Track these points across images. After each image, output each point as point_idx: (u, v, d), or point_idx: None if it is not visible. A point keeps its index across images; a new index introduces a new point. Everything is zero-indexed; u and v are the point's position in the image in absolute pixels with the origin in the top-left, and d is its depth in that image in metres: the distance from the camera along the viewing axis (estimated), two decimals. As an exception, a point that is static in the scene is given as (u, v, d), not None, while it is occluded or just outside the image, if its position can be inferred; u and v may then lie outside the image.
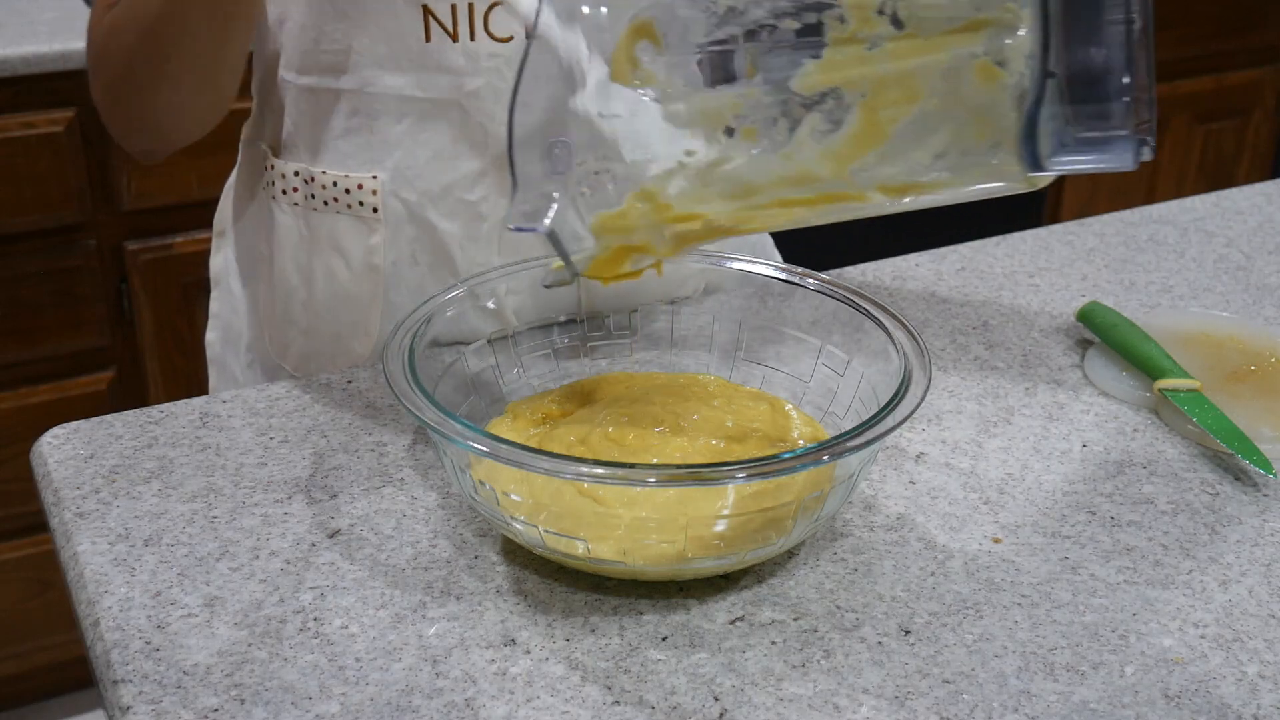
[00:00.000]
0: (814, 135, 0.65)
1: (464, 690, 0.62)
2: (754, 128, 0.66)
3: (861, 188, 0.66)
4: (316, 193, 0.91)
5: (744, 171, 0.67)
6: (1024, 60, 0.62)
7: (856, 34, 0.63)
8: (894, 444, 0.82)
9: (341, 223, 0.91)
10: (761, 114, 0.66)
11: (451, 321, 0.78)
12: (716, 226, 0.69)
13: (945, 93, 0.64)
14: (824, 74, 0.64)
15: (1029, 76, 0.62)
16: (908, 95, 0.64)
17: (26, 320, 1.74)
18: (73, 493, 0.75)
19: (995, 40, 0.63)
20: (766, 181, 0.67)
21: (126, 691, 0.61)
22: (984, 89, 0.63)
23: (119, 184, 1.73)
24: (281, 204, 0.93)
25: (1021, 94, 0.63)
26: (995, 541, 0.73)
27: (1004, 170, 0.65)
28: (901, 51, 0.63)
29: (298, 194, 0.92)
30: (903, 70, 0.64)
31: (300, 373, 0.97)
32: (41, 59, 1.63)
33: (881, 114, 0.64)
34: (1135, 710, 0.62)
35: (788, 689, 0.62)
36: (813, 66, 0.64)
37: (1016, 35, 0.62)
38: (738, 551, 0.67)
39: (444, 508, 0.75)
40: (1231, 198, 1.25)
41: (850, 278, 1.06)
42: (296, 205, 0.93)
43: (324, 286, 0.93)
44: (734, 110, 0.66)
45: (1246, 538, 0.74)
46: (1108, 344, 0.93)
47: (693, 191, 0.68)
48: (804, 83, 0.64)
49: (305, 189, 0.91)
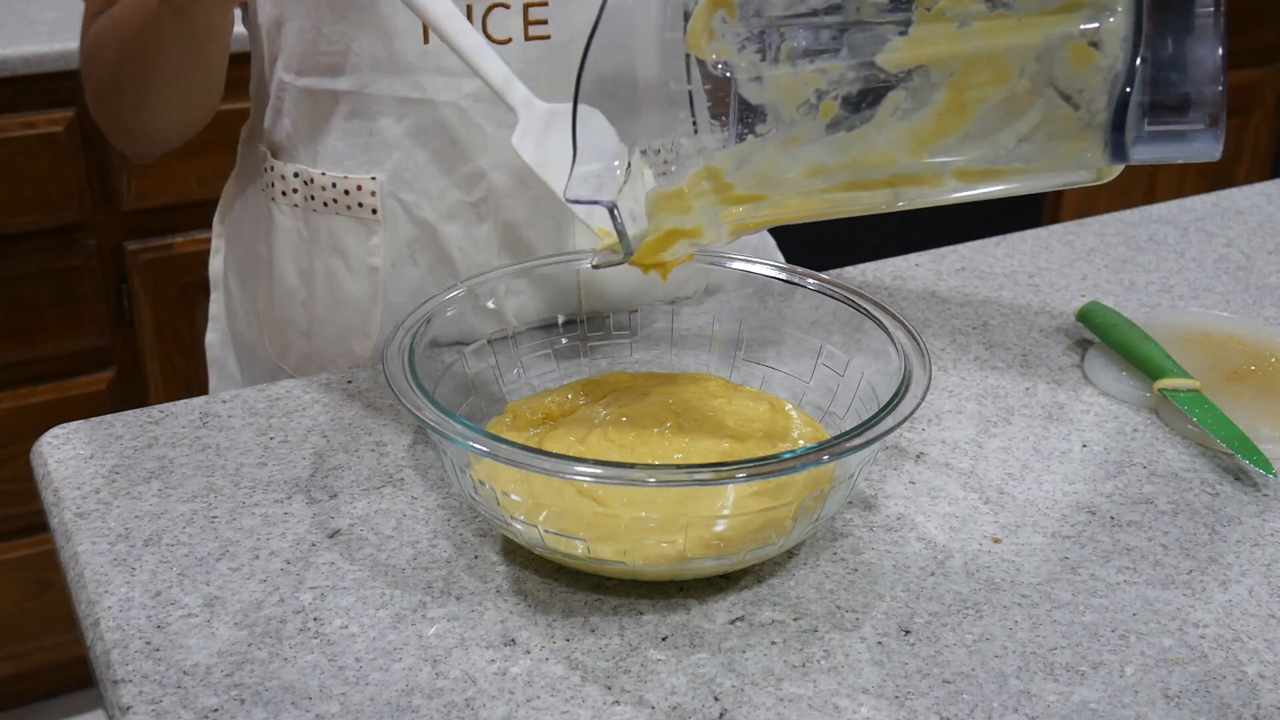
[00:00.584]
0: (896, 114, 0.64)
1: (464, 690, 0.62)
2: (833, 104, 0.65)
3: (937, 172, 0.65)
4: (315, 194, 0.91)
5: (817, 151, 0.65)
6: (1119, 43, 0.61)
7: (946, 10, 0.62)
8: (894, 444, 0.82)
9: (340, 224, 0.91)
10: (842, 90, 0.65)
11: (451, 321, 0.78)
12: (778, 210, 0.68)
13: (1037, 74, 0.63)
14: (912, 50, 0.63)
15: (1122, 60, 0.61)
16: (998, 75, 0.62)
17: (26, 320, 1.74)
18: (73, 493, 0.76)
19: (1091, 21, 0.62)
20: (839, 163, 0.66)
21: (126, 691, 0.61)
22: (1077, 71, 0.62)
23: (119, 184, 1.73)
24: (280, 205, 0.93)
25: (1114, 78, 0.61)
26: (995, 541, 0.73)
27: (1085, 157, 0.64)
28: (994, 30, 0.62)
29: (297, 195, 0.92)
30: (994, 49, 0.62)
31: (300, 374, 0.97)
32: (41, 59, 1.63)
33: (969, 94, 0.63)
34: (1135, 710, 0.62)
35: (788, 689, 0.62)
36: (900, 43, 0.63)
37: (1113, 16, 0.61)
38: (738, 551, 0.67)
39: (444, 508, 0.75)
40: (1231, 198, 1.25)
41: (850, 278, 1.06)
42: (296, 206, 0.93)
43: (323, 287, 0.93)
44: (813, 85, 0.65)
45: (1246, 538, 0.74)
46: (1108, 344, 0.93)
47: (760, 171, 0.67)
48: (890, 59, 0.63)
49: (304, 190, 0.91)
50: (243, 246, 1.02)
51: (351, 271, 0.92)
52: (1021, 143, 0.65)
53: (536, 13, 0.86)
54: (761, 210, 0.68)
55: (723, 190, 0.67)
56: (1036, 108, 0.64)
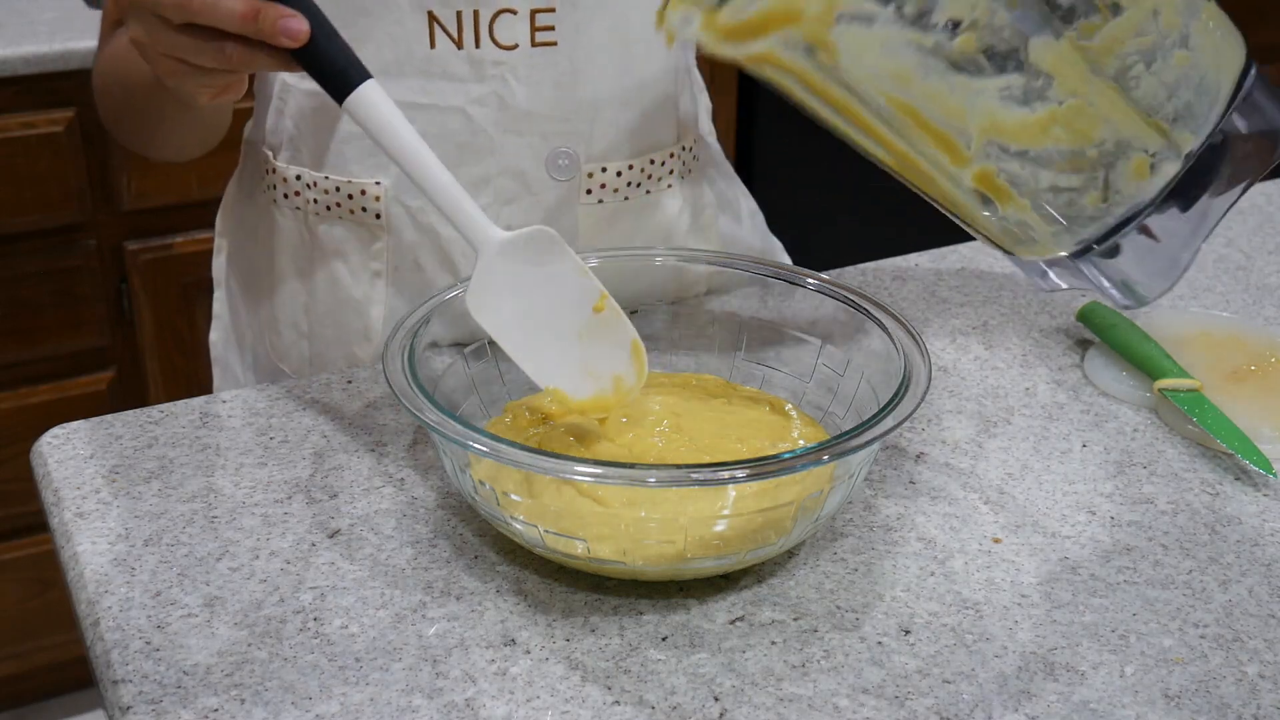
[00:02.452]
0: (1000, 92, 0.65)
1: (464, 690, 0.62)
2: (971, 40, 0.65)
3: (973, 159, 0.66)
4: (319, 197, 0.91)
5: (919, 63, 0.65)
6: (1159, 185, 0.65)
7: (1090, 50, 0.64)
8: (894, 444, 0.82)
9: (343, 228, 0.91)
10: (988, 38, 0.64)
11: (451, 321, 0.78)
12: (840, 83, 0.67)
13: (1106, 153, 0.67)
14: (1055, 60, 0.65)
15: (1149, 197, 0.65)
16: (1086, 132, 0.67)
17: (26, 320, 1.74)
18: (73, 493, 0.75)
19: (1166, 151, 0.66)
20: (920, 87, 0.66)
21: (126, 691, 0.61)
22: (1128, 176, 0.67)
23: (119, 184, 1.73)
24: (283, 208, 0.93)
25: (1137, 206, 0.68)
26: (995, 541, 0.73)
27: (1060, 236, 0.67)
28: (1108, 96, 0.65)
29: (299, 198, 0.92)
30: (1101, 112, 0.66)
31: (300, 375, 0.97)
32: (41, 59, 1.63)
33: (1057, 129, 0.66)
34: (1135, 710, 0.62)
35: (788, 689, 0.62)
36: (1054, 45, 0.64)
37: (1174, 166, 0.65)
38: (738, 551, 0.67)
39: (444, 508, 0.75)
40: (1231, 198, 1.24)
41: (850, 278, 1.06)
42: (298, 210, 0.92)
43: (326, 291, 0.93)
44: (978, 11, 0.65)
45: (1246, 538, 0.74)
46: (1108, 344, 0.93)
47: (864, 44, 0.66)
48: (1038, 52, 0.65)
49: (307, 194, 0.91)
50: (244, 247, 1.02)
51: (354, 275, 0.92)
52: (1049, 192, 0.66)
53: (544, 19, 0.85)
54: (829, 66, 0.68)
55: (819, 43, 0.66)
56: (1083, 177, 0.65)
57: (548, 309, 0.72)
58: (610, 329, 0.72)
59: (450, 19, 0.85)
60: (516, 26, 0.85)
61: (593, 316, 0.71)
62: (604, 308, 0.71)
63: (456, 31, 0.85)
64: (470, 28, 0.85)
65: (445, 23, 0.85)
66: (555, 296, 0.72)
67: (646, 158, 0.94)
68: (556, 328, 0.72)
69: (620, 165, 0.92)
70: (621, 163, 0.92)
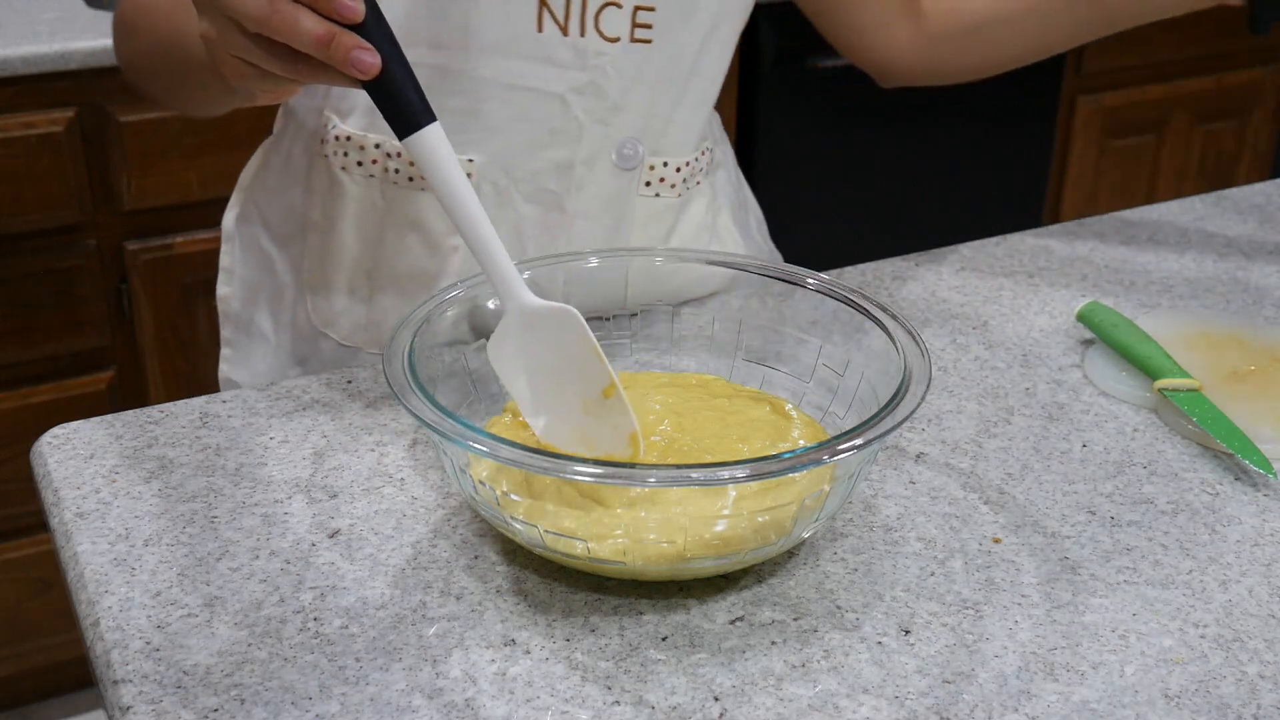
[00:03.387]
0: None
1: (464, 690, 0.62)
2: None
3: None
4: (400, 168, 0.91)
5: None
6: None
7: None
8: (894, 444, 0.82)
9: (423, 199, 0.91)
10: None
11: (452, 321, 0.78)
12: None
13: None
14: None
15: None
16: None
17: (26, 320, 1.74)
18: (73, 493, 0.75)
19: None
20: None
21: (126, 691, 0.61)
22: None
23: (119, 184, 1.73)
24: (353, 174, 0.93)
25: None
26: (995, 541, 0.73)
27: None
28: None
29: (375, 165, 0.92)
30: None
31: (350, 342, 0.97)
32: (41, 59, 1.63)
33: None
34: (1135, 710, 0.62)
35: (788, 689, 0.62)
36: None
37: None
38: (738, 551, 0.67)
39: (444, 508, 0.75)
40: (1231, 198, 1.24)
41: (850, 278, 1.06)
42: (372, 177, 0.92)
43: (394, 258, 0.93)
44: None
45: (1246, 538, 0.74)
46: (1108, 344, 0.93)
47: None
48: None
49: (387, 163, 0.91)
50: (280, 206, 1.00)
51: (429, 247, 0.92)
52: None
53: (644, 16, 0.87)
54: None
55: None
56: None
57: (559, 378, 0.73)
58: (614, 414, 0.72)
59: (560, 5, 0.86)
60: (619, 20, 0.87)
61: (600, 399, 0.72)
62: (612, 394, 0.72)
63: (564, 18, 0.86)
64: (577, 16, 0.86)
65: (554, 8, 0.86)
66: (569, 369, 0.72)
67: (695, 154, 0.97)
68: (564, 396, 0.73)
69: (679, 161, 0.95)
70: (679, 158, 0.94)
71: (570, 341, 0.72)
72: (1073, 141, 2.49)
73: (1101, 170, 2.55)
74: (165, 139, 1.72)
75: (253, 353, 1.04)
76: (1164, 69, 2.51)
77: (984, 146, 2.40)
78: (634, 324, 0.87)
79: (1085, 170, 2.53)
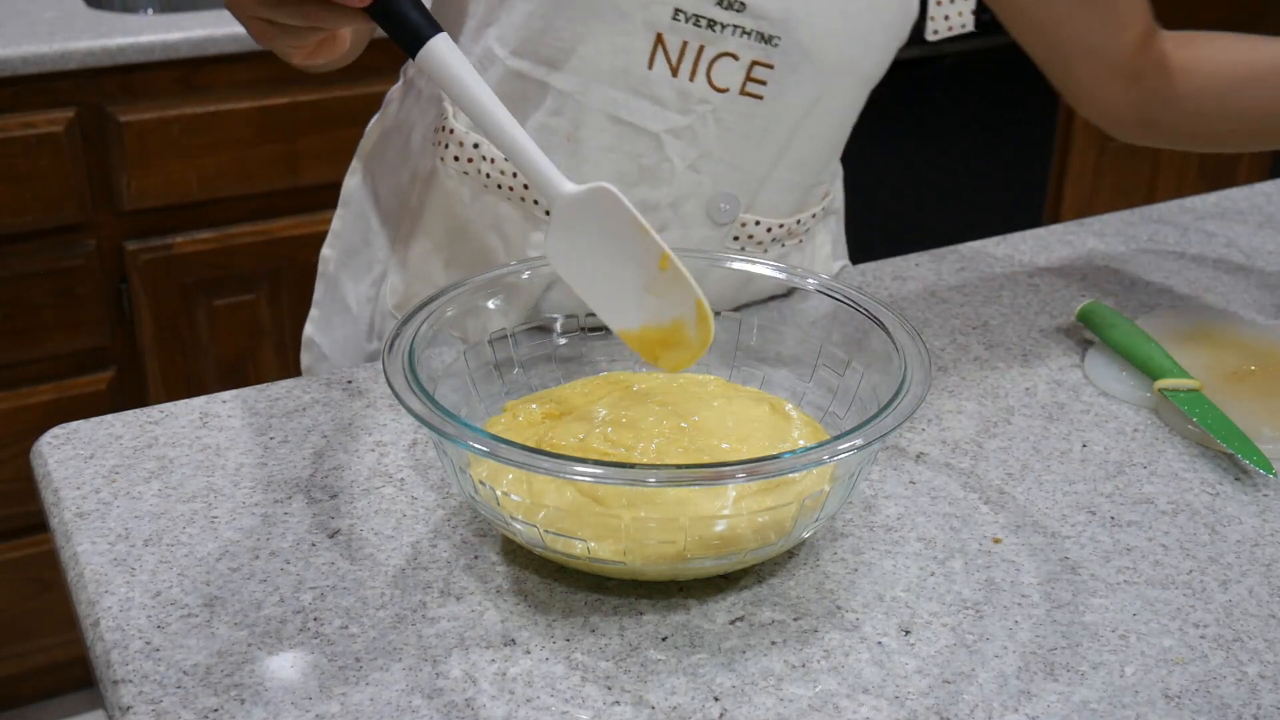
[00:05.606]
0: None
1: (464, 690, 0.62)
2: None
3: None
4: (492, 173, 0.91)
5: None
6: None
7: None
8: (894, 444, 0.82)
9: (508, 208, 0.91)
10: None
11: (452, 321, 0.78)
12: None
13: None
14: None
15: None
16: None
17: (26, 320, 1.74)
18: (73, 493, 0.76)
19: None
20: None
21: (126, 691, 0.61)
22: None
23: (119, 184, 1.73)
24: (449, 167, 0.93)
25: None
26: (995, 541, 0.73)
27: None
28: None
29: (471, 165, 0.92)
30: None
31: None
32: (41, 59, 1.63)
33: None
34: (1135, 710, 0.62)
35: (788, 689, 0.62)
36: None
37: None
38: (738, 551, 0.67)
39: (444, 508, 0.75)
40: (1231, 198, 1.25)
41: (850, 278, 1.06)
42: (466, 175, 0.92)
43: (472, 257, 0.93)
44: None
45: (1246, 538, 0.74)
46: (1108, 344, 0.93)
47: None
48: None
49: (482, 164, 0.91)
50: (391, 182, 1.01)
51: (507, 254, 0.92)
52: None
53: (760, 72, 0.86)
54: None
55: None
56: None
57: (614, 262, 0.72)
58: (675, 287, 0.72)
59: (675, 47, 0.85)
60: (733, 72, 0.86)
61: (658, 273, 0.72)
62: (667, 266, 0.72)
63: (677, 59, 0.85)
64: (690, 60, 0.85)
65: (670, 49, 0.85)
66: (621, 250, 0.72)
67: (795, 218, 0.95)
68: (625, 281, 0.73)
69: (773, 222, 0.94)
70: (774, 220, 0.93)
71: (614, 220, 0.71)
72: (1073, 141, 2.49)
73: (1101, 170, 2.55)
74: (165, 139, 1.72)
75: (335, 318, 1.05)
76: (1164, 69, 2.51)
77: (984, 146, 2.40)
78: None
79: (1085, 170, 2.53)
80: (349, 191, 1.05)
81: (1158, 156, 2.60)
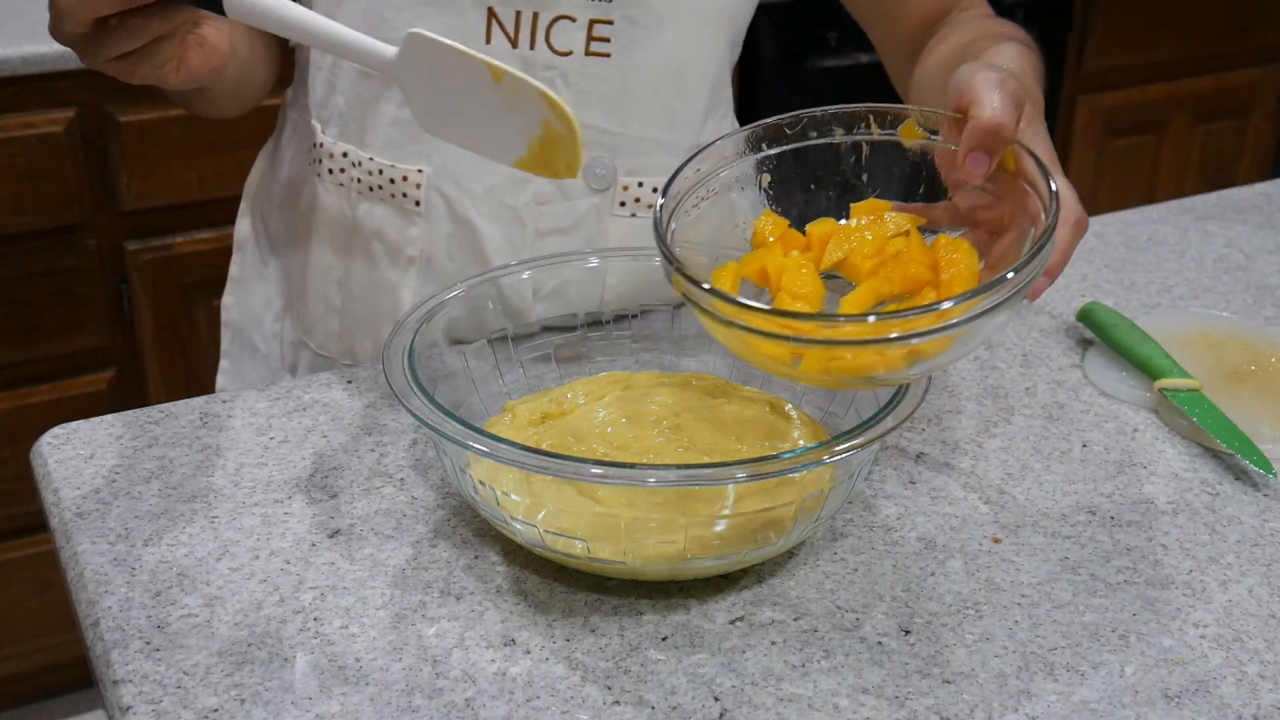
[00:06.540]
0: None
1: (464, 690, 0.62)
2: None
3: None
4: (363, 177, 0.91)
5: None
6: None
7: None
8: (894, 444, 0.82)
9: (384, 209, 0.91)
10: None
11: (452, 321, 0.78)
12: None
13: None
14: None
15: None
16: None
17: (26, 320, 1.74)
18: (73, 493, 0.75)
19: None
20: None
21: (126, 691, 0.61)
22: None
23: (119, 184, 1.73)
24: (326, 182, 0.93)
25: None
26: (995, 541, 0.73)
27: None
28: None
29: (344, 174, 0.92)
30: None
31: (325, 351, 0.97)
32: (41, 59, 1.63)
33: None
34: (1135, 710, 0.62)
35: (788, 689, 0.62)
36: None
37: None
38: (738, 551, 0.67)
39: (444, 508, 0.75)
40: (1231, 198, 1.24)
41: (850, 278, 1.06)
42: (341, 186, 0.92)
43: (361, 269, 0.93)
44: None
45: (1246, 538, 0.74)
46: (1108, 344, 0.93)
47: None
48: None
49: (352, 171, 0.92)
50: (278, 214, 1.01)
51: (389, 258, 0.92)
52: None
53: (600, 29, 0.86)
54: None
55: None
56: None
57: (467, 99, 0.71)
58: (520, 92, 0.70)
59: (509, 18, 0.85)
60: (573, 34, 0.86)
61: (499, 88, 0.70)
62: (501, 77, 0.70)
63: (514, 30, 0.86)
64: (528, 29, 0.85)
65: (504, 21, 0.85)
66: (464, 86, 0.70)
67: None
68: (484, 111, 0.71)
69: (656, 181, 0.93)
70: (658, 179, 0.93)
71: (440, 60, 0.70)
72: (1073, 141, 2.49)
73: (1101, 170, 2.55)
74: (165, 139, 1.71)
75: (245, 363, 1.05)
76: (1164, 69, 2.51)
77: (984, 146, 2.39)
78: (634, 324, 0.88)
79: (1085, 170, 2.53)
80: (242, 235, 1.05)
81: (1158, 156, 2.60)
